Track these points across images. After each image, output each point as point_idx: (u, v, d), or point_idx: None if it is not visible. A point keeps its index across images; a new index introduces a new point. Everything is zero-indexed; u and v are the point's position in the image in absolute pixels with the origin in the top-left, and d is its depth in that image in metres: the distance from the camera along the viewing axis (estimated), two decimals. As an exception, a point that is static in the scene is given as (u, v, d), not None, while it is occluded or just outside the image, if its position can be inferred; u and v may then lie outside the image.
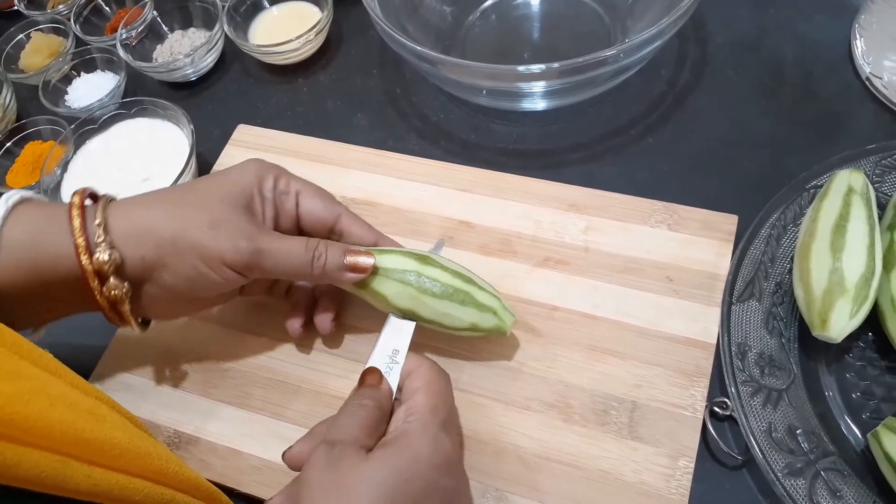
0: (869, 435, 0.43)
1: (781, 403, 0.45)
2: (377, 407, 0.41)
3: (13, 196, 0.44)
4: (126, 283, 0.44)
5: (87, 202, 0.46)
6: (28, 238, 0.43)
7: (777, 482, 0.42)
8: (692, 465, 0.45)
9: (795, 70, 0.64)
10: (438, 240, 0.55)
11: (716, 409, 0.47)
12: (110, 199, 0.46)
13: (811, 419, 0.45)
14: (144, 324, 0.49)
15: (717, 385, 0.48)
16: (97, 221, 0.43)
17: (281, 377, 0.53)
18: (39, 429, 0.32)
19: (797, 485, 0.42)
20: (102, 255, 0.43)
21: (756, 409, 0.45)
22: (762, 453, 0.43)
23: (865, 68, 0.61)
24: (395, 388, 0.44)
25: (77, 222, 0.43)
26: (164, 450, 0.40)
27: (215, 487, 0.43)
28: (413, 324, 0.47)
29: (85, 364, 0.56)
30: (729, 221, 0.54)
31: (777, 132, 0.60)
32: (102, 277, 0.43)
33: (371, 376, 0.44)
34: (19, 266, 0.42)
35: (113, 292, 0.44)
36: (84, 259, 0.43)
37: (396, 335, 0.47)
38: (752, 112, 0.62)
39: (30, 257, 0.43)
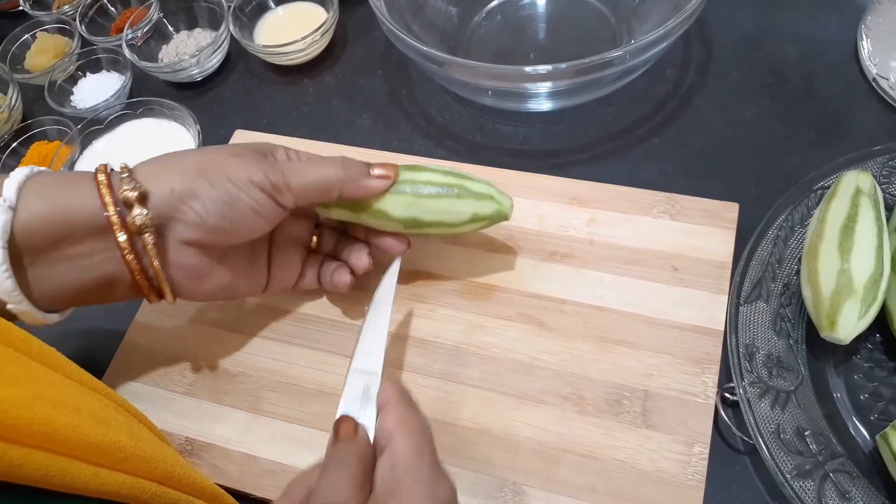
0: (878, 437, 0.43)
1: (790, 405, 0.45)
2: (359, 461, 0.37)
3: (35, 168, 0.43)
4: (149, 211, 0.42)
5: None
6: (49, 188, 0.42)
7: (786, 484, 0.42)
8: (707, 451, 0.45)
9: (801, 70, 0.64)
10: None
11: (726, 394, 0.47)
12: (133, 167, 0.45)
13: (819, 421, 0.45)
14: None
15: (727, 371, 0.48)
16: (121, 166, 0.43)
17: (292, 380, 0.53)
18: (43, 433, 0.32)
19: (806, 486, 0.42)
20: (128, 190, 0.42)
21: (764, 410, 0.45)
22: (771, 455, 0.43)
23: (872, 69, 0.61)
24: (371, 428, 0.39)
25: (100, 167, 0.43)
26: (171, 452, 0.40)
27: (221, 490, 0.43)
28: (383, 348, 0.44)
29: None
30: (730, 209, 0.54)
31: (783, 133, 0.60)
32: (127, 206, 0.42)
33: (344, 427, 0.39)
34: (40, 216, 0.41)
35: (136, 219, 0.42)
36: (105, 193, 0.42)
37: (366, 363, 0.43)
38: (758, 112, 0.62)
39: (50, 205, 0.41)
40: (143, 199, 0.42)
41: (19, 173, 0.42)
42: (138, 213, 0.42)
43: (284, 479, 0.48)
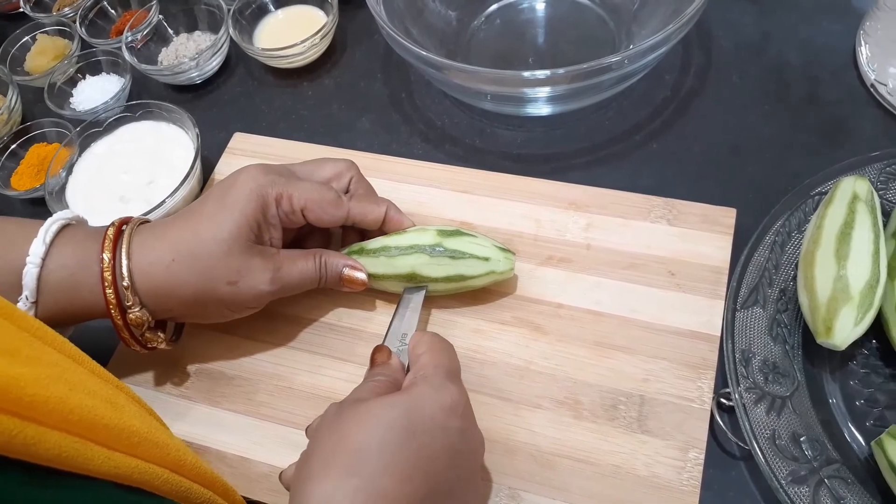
0: (873, 443, 0.43)
1: (785, 410, 0.45)
2: (389, 380, 0.43)
3: (51, 228, 0.46)
4: (161, 335, 0.49)
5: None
6: (64, 289, 0.46)
7: (781, 489, 0.42)
8: (702, 456, 0.46)
9: (800, 76, 0.64)
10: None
11: (722, 400, 0.47)
12: (132, 239, 0.48)
13: (815, 426, 0.45)
14: (176, 333, 0.53)
15: (723, 376, 0.48)
16: (125, 284, 0.46)
17: (288, 383, 0.53)
18: (59, 412, 0.32)
19: (801, 492, 0.42)
20: (135, 313, 0.47)
21: (760, 415, 0.45)
22: (766, 460, 0.43)
23: (870, 75, 0.61)
24: (406, 365, 0.46)
25: (108, 281, 0.46)
26: (180, 443, 0.40)
27: (230, 484, 0.43)
28: (419, 307, 0.51)
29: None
30: (727, 215, 0.54)
31: (781, 138, 0.60)
32: (136, 328, 0.47)
33: (380, 354, 0.46)
34: (56, 307, 0.46)
35: (149, 343, 0.49)
36: (116, 315, 0.46)
37: (404, 321, 0.49)
38: (756, 117, 0.62)
39: (66, 303, 0.46)
40: (150, 325, 0.48)
41: (34, 266, 0.45)
42: (151, 340, 0.49)
43: (279, 483, 0.48)
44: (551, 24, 0.72)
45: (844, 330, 0.45)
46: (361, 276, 0.51)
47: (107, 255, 0.46)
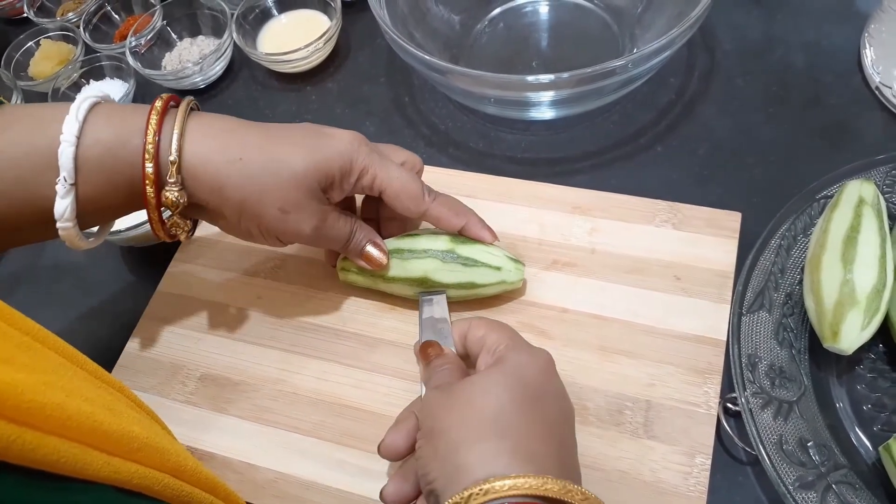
0: (881, 448, 0.43)
1: (792, 415, 0.45)
2: (458, 366, 0.44)
3: (82, 105, 0.44)
4: (188, 223, 0.49)
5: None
6: (102, 167, 0.44)
7: (788, 495, 0.42)
8: (709, 462, 0.45)
9: (804, 79, 0.63)
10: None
11: (728, 404, 0.47)
12: (188, 118, 0.46)
13: (822, 431, 0.45)
14: (192, 229, 0.51)
15: (729, 381, 0.48)
16: (171, 158, 0.44)
17: (293, 389, 0.53)
18: (57, 418, 0.32)
19: (809, 498, 0.42)
20: (173, 192, 0.45)
21: (767, 420, 0.45)
22: (773, 465, 0.43)
23: (875, 77, 0.61)
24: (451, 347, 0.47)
25: (150, 153, 0.44)
26: (182, 448, 0.40)
27: (232, 490, 0.43)
28: (444, 299, 0.51)
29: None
30: (732, 219, 0.54)
31: (785, 141, 0.60)
32: (168, 208, 0.46)
33: (433, 348, 0.46)
34: (95, 191, 0.45)
35: (174, 229, 0.48)
36: (150, 191, 0.45)
37: (436, 319, 0.50)
38: (761, 120, 0.62)
39: (105, 185, 0.45)
40: (183, 209, 0.46)
41: (69, 145, 0.43)
42: (175, 224, 0.48)
43: (285, 488, 0.48)
44: (555, 27, 0.72)
45: (851, 334, 0.44)
46: (379, 254, 0.51)
47: (152, 127, 0.44)
